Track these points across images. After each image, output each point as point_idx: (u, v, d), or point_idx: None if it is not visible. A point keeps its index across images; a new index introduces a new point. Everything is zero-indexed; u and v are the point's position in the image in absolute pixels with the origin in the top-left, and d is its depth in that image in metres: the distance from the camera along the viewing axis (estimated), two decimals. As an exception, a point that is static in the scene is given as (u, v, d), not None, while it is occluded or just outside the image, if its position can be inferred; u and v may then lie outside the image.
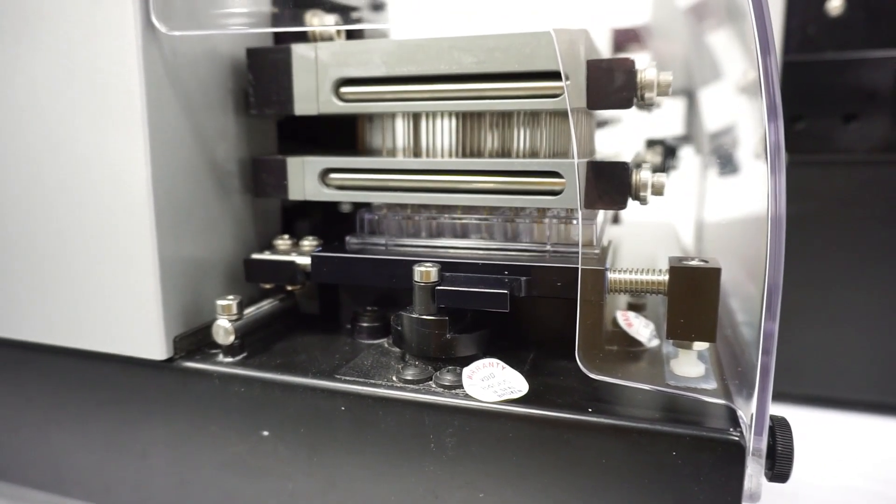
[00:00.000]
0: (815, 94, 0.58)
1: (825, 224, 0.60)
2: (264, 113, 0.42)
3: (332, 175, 0.42)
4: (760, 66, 0.29)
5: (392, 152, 0.43)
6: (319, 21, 0.44)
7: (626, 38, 0.75)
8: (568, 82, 0.35)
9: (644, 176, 0.36)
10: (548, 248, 0.39)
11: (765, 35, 0.29)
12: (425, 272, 0.36)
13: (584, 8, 0.38)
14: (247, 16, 0.41)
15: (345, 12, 0.45)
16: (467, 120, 0.41)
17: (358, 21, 0.48)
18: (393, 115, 0.43)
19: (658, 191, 0.37)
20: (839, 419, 0.61)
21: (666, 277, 0.34)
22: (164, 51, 0.37)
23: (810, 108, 0.58)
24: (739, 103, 0.61)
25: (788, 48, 0.58)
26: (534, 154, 0.40)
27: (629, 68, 0.34)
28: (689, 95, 0.75)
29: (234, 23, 0.40)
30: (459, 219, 0.41)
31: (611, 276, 0.35)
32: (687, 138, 0.75)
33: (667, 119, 0.76)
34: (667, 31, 0.74)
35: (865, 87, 0.57)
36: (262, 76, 0.41)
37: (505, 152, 0.41)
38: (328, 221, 0.56)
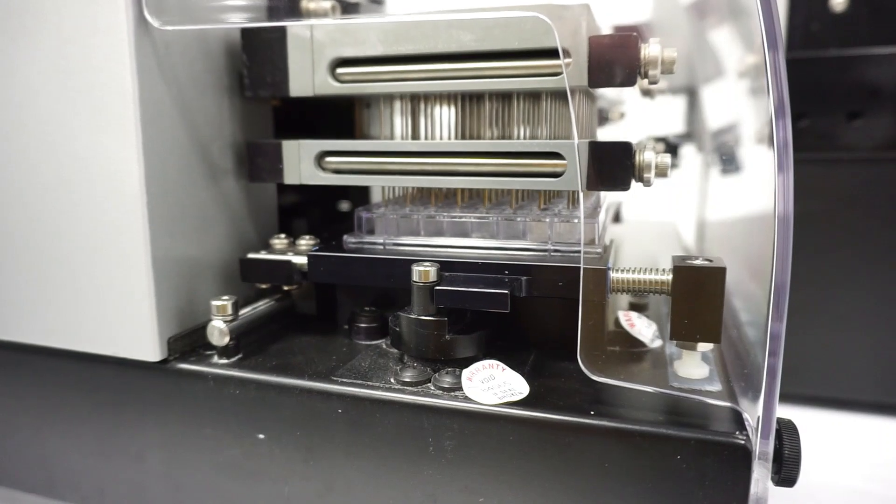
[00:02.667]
0: (818, 92, 0.57)
1: (828, 223, 0.59)
2: (259, 95, 0.41)
3: (329, 158, 0.41)
4: (768, 63, 0.28)
5: (390, 136, 0.42)
6: (315, 5, 0.43)
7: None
8: (568, 60, 0.34)
9: (648, 156, 0.35)
10: (549, 246, 0.38)
11: (772, 31, 0.29)
12: (424, 272, 0.35)
13: (590, 5, 0.37)
14: (240, 9, 0.40)
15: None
16: (466, 106, 0.40)
17: (355, 5, 0.47)
18: (391, 101, 0.42)
19: (662, 172, 0.35)
20: (842, 420, 0.61)
21: (669, 277, 0.33)
22: (157, 46, 0.36)
23: (814, 106, 0.58)
24: (739, 89, 0.60)
25: (792, 45, 0.58)
26: (534, 138, 0.39)
27: (633, 44, 0.33)
28: (691, 93, 0.74)
29: (228, 16, 0.40)
30: (459, 217, 0.41)
31: (613, 275, 0.35)
32: (689, 136, 0.74)
33: (668, 116, 0.75)
34: (668, 28, 0.74)
35: (870, 85, 0.56)
36: (256, 57, 0.40)
37: (505, 137, 0.40)
38: (326, 221, 0.55)
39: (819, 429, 0.59)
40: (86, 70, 0.36)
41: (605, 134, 0.62)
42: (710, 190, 0.70)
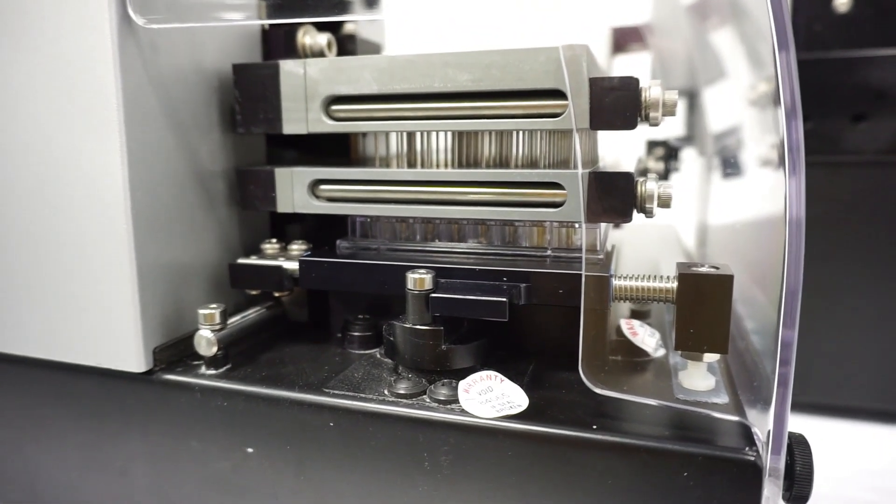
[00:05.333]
0: (822, 94, 0.57)
1: (832, 227, 0.58)
2: (251, 131, 0.40)
3: (323, 186, 0.40)
4: (778, 64, 0.27)
5: (386, 161, 0.41)
6: (311, 40, 0.42)
7: (627, 37, 0.74)
8: (565, 102, 0.33)
9: (650, 187, 0.34)
10: (548, 253, 0.37)
11: (783, 31, 0.28)
12: (419, 279, 0.34)
13: (586, 6, 0.36)
14: (226, 7, 0.39)
15: (336, 22, 0.43)
16: (464, 133, 0.39)
17: (351, 35, 0.46)
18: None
19: (665, 203, 0.35)
20: (845, 428, 0.60)
21: (674, 285, 0.32)
22: (143, 45, 0.35)
23: (818, 108, 0.57)
24: (748, 116, 0.59)
25: (795, 46, 0.57)
26: (533, 163, 0.38)
27: (634, 87, 0.32)
28: (692, 95, 0.73)
29: (213, 15, 0.38)
30: (456, 222, 0.39)
31: (616, 283, 0.33)
32: (689, 139, 0.73)
33: (669, 119, 0.74)
34: (669, 30, 0.73)
35: (875, 87, 0.55)
36: (249, 93, 0.40)
37: (503, 161, 0.39)
38: (321, 225, 0.54)
39: (822, 437, 0.58)
40: (68, 69, 0.35)
41: (605, 136, 0.61)
42: (711, 193, 0.69)
